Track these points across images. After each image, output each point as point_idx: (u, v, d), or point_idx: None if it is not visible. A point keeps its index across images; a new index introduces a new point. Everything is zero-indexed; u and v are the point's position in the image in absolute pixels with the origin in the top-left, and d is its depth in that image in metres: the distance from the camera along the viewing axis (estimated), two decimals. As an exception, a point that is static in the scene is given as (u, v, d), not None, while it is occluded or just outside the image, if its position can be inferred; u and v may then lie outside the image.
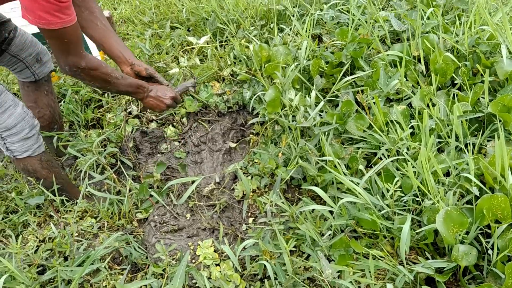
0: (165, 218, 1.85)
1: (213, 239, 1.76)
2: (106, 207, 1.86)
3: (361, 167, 1.69)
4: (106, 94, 2.40)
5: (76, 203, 1.90)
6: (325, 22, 2.59)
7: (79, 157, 2.06)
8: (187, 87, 1.97)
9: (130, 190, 1.93)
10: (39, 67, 1.94)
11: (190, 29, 2.84)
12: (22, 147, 1.72)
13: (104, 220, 1.86)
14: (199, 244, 1.74)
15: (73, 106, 2.30)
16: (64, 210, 1.92)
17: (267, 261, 1.56)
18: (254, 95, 2.23)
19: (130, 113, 2.31)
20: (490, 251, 1.39)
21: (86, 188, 1.87)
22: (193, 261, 1.71)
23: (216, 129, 2.29)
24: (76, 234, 1.85)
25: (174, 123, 2.29)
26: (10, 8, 2.17)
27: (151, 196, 1.91)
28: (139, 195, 1.88)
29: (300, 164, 1.82)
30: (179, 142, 2.22)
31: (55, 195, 1.85)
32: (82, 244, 1.70)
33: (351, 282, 1.43)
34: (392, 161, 1.71)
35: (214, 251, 1.72)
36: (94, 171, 2.03)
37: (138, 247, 1.78)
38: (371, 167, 1.78)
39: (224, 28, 2.67)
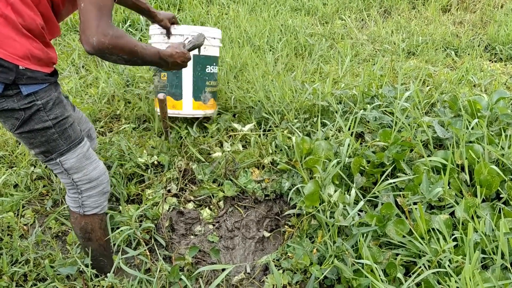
0: (191, 305, 1.80)
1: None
2: (134, 286, 1.84)
3: (400, 275, 1.63)
4: (148, 170, 2.47)
5: (105, 277, 1.89)
6: (368, 122, 2.65)
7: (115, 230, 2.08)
8: (197, 45, 2.07)
9: (160, 271, 1.91)
10: (90, 142, 2.04)
11: (235, 115, 2.96)
12: (96, 202, 1.78)
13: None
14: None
15: (116, 179, 2.37)
16: (92, 285, 1.90)
17: None
18: (293, 186, 2.24)
19: (169, 191, 2.35)
20: None
21: (119, 262, 1.87)
22: None
23: (251, 215, 2.29)
24: (101, 310, 1.82)
25: (211, 206, 2.31)
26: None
27: (180, 279, 1.88)
28: (169, 278, 1.85)
29: (335, 264, 1.77)
30: (214, 225, 2.22)
31: (87, 266, 1.85)
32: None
33: None
34: (433, 273, 1.64)
35: None
36: (128, 247, 2.04)
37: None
38: (409, 276, 1.71)
39: (268, 118, 2.77)
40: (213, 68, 2.67)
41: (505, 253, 1.64)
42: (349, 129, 2.39)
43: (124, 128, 2.84)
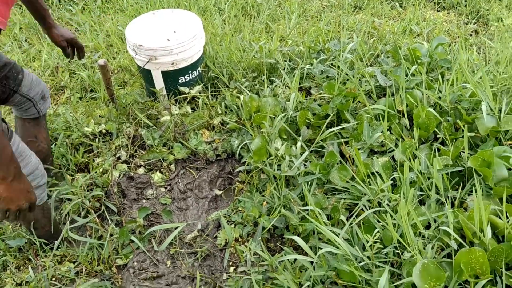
0: (145, 264, 1.82)
1: (192, 288, 1.73)
2: (85, 251, 1.84)
3: (343, 217, 1.70)
4: (97, 139, 2.43)
5: (53, 247, 1.88)
6: (314, 76, 2.68)
7: (65, 201, 2.06)
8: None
9: (111, 235, 1.92)
10: (43, 103, 1.98)
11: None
12: None
13: (82, 265, 1.84)
14: (178, 293, 1.71)
15: (64, 149, 2.33)
16: (44, 255, 1.89)
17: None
18: (242, 143, 2.27)
19: (119, 158, 2.33)
20: (469, 307, 1.37)
21: (67, 232, 1.86)
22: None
23: (204, 176, 2.30)
24: (54, 279, 1.82)
25: (162, 169, 2.31)
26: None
27: (132, 241, 1.90)
28: (119, 240, 1.86)
29: (282, 213, 1.82)
30: (165, 188, 2.23)
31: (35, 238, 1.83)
32: (57, 289, 1.67)
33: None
34: (373, 212, 1.72)
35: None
36: (79, 216, 2.03)
37: (116, 294, 1.74)
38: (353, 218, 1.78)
39: (217, 77, 2.76)
40: (188, 76, 2.64)
41: (440, 188, 1.73)
42: (295, 84, 2.41)
43: (69, 98, 2.76)
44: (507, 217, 1.57)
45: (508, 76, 2.36)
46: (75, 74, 3.05)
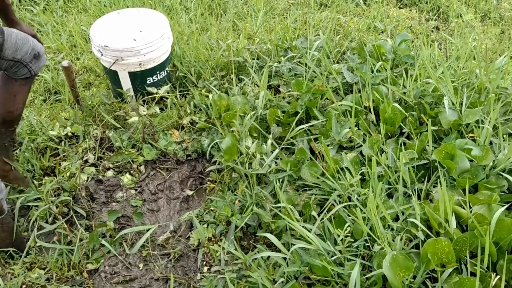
0: (117, 268, 1.80)
1: (165, 290, 1.72)
2: (55, 257, 1.80)
3: (314, 213, 1.72)
4: (62, 143, 2.37)
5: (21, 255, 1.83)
6: (283, 74, 2.70)
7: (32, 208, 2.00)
8: None
9: (81, 240, 1.88)
10: (35, 62, 1.85)
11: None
12: None
13: (53, 271, 1.80)
14: (151, 295, 1.69)
15: (29, 154, 2.26)
16: (13, 262, 1.84)
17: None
18: (213, 143, 2.26)
19: (86, 161, 2.28)
20: (436, 296, 1.41)
21: (35, 239, 1.82)
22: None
23: (174, 177, 2.29)
24: (24, 286, 1.77)
25: (132, 171, 2.27)
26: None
27: (103, 245, 1.86)
28: (89, 244, 1.83)
29: (254, 211, 1.83)
30: (136, 190, 2.20)
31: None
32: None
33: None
34: (344, 207, 1.75)
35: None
36: (46, 222, 1.98)
37: (88, 300, 1.71)
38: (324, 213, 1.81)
39: (185, 76, 2.74)
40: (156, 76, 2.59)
41: (406, 181, 1.78)
42: (263, 82, 2.42)
43: (33, 101, 2.68)
44: (470, 207, 1.64)
45: (468, 70, 2.45)
46: (38, 76, 2.96)
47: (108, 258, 1.84)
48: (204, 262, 1.88)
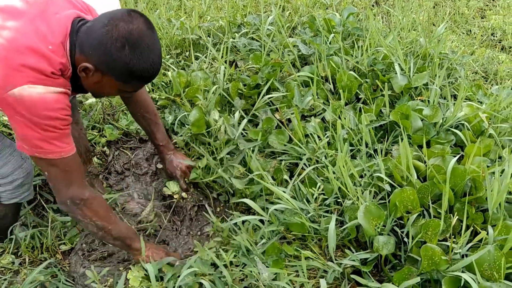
0: (94, 245, 1.79)
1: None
2: (28, 240, 1.76)
3: (286, 177, 1.81)
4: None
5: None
6: (238, 49, 2.74)
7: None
8: None
9: (53, 222, 1.84)
10: None
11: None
12: (12, 194, 1.65)
13: (25, 255, 1.76)
14: (130, 268, 1.70)
15: None
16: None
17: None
18: (176, 119, 2.27)
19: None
20: (406, 239, 1.56)
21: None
22: (124, 286, 1.67)
23: (140, 154, 2.28)
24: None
25: (97, 155, 2.23)
26: None
27: (75, 225, 1.84)
28: (62, 227, 1.81)
29: (219, 174, 1.88)
30: (102, 172, 2.17)
31: None
32: (3, 282, 1.59)
33: (287, 283, 1.51)
34: (313, 169, 1.86)
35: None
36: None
37: (66, 280, 1.70)
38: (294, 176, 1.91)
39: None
40: None
41: (368, 142, 1.91)
42: (222, 57, 2.46)
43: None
44: (425, 162, 1.80)
45: (411, 40, 2.63)
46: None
47: (84, 235, 1.82)
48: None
